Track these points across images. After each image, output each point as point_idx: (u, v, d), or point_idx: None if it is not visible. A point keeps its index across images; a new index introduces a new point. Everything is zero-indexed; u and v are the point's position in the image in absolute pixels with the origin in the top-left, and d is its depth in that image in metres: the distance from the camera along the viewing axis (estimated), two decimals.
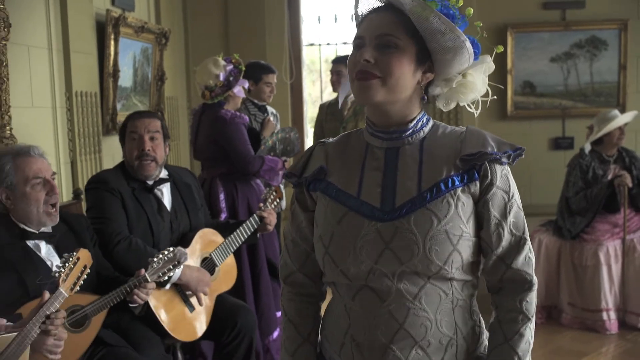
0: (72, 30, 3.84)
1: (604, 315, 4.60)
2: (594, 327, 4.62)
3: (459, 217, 1.46)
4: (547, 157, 5.92)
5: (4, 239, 2.43)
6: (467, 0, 5.65)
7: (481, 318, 1.59)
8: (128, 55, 4.63)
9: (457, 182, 1.48)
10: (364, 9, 1.55)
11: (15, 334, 2.05)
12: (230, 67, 4.15)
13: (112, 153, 4.40)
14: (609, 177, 4.75)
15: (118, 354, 2.61)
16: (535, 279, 1.53)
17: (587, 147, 4.89)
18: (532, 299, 1.53)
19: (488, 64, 1.54)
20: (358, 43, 1.50)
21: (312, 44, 6.39)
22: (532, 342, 1.53)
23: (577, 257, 4.76)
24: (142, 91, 4.95)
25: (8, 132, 3.12)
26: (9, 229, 2.48)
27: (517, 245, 1.51)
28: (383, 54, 1.46)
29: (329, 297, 1.67)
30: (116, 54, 4.36)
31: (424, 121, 1.56)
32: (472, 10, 1.56)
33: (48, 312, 2.13)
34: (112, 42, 4.32)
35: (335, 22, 6.16)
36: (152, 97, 5.10)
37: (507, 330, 1.51)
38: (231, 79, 4.12)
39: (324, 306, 1.70)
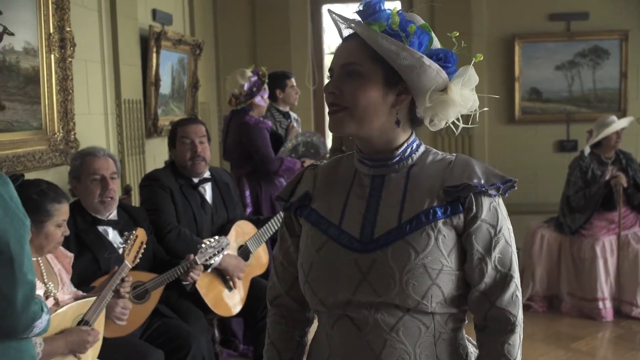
0: (121, 45, 4.33)
1: (600, 304, 5.00)
2: (591, 314, 5.02)
3: (439, 250, 1.40)
4: (552, 158, 6.32)
5: (80, 225, 2.93)
6: (477, 11, 6.13)
7: (471, 351, 1.52)
8: (167, 65, 5.12)
9: (439, 214, 1.41)
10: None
11: (94, 298, 2.54)
12: (254, 78, 4.65)
13: (153, 154, 4.90)
14: (607, 177, 5.14)
15: (171, 324, 3.11)
16: (519, 320, 1.46)
17: (587, 150, 5.27)
18: (516, 341, 1.45)
19: (466, 76, 1.43)
20: (330, 75, 1.47)
21: (333, 53, 6.83)
22: None
23: (576, 250, 5.16)
24: (178, 97, 5.43)
25: (73, 136, 3.62)
26: (83, 217, 2.97)
27: (503, 282, 1.43)
28: (347, 84, 1.42)
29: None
30: (157, 64, 4.85)
31: (414, 147, 1.48)
32: (420, 19, 1.46)
33: (118, 280, 2.62)
34: (154, 54, 4.81)
35: None
36: (187, 103, 5.59)
37: None
38: (254, 89, 4.62)
39: (313, 331, 1.65)
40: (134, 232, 2.80)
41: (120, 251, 2.76)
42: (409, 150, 1.48)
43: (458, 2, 6.08)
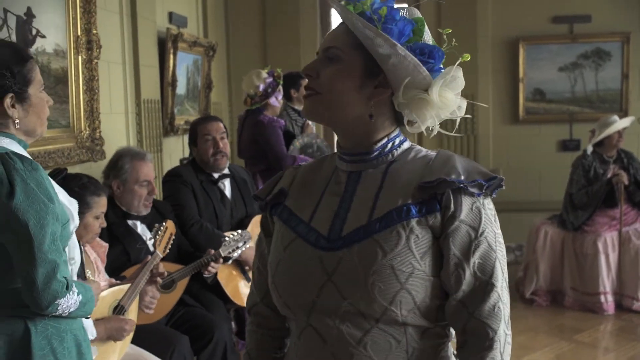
0: (141, 47, 4.49)
1: (602, 298, 5.16)
2: (593, 308, 5.18)
3: (410, 251, 1.27)
4: (555, 157, 6.48)
5: (111, 218, 3.09)
6: (482, 14, 6.31)
7: None
8: (183, 66, 5.29)
9: (413, 212, 1.29)
10: None
11: (128, 285, 2.71)
12: (270, 79, 4.82)
13: (169, 152, 5.07)
14: (608, 175, 5.30)
15: (195, 312, 3.28)
16: (500, 336, 1.29)
17: (589, 149, 5.43)
18: (495, 359, 1.29)
19: (449, 77, 1.31)
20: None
21: None
22: None
23: (578, 246, 5.32)
24: (193, 97, 5.60)
25: (98, 134, 3.79)
26: (114, 211, 3.14)
27: (483, 291, 1.29)
28: (326, 68, 1.34)
29: None
30: (174, 66, 5.02)
31: (396, 143, 1.37)
32: (416, 13, 1.36)
33: (150, 268, 2.79)
34: (171, 56, 4.98)
35: None
36: (201, 102, 5.75)
37: None
38: (269, 90, 4.79)
39: None
40: (164, 224, 2.97)
41: (151, 242, 2.93)
42: (389, 145, 1.37)
43: (464, 5, 6.26)
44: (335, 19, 6.72)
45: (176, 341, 2.96)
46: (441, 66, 1.34)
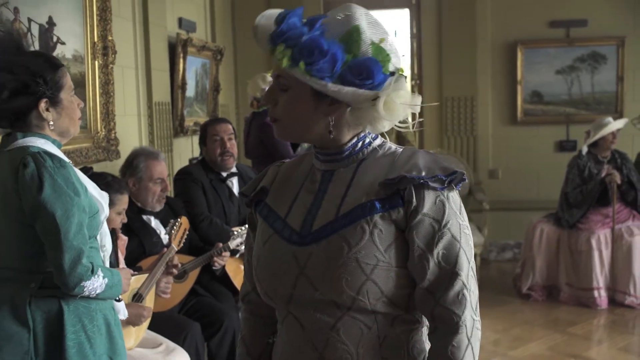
0: (153, 51, 4.70)
1: (595, 293, 5.35)
2: (587, 303, 5.36)
3: (374, 245, 1.35)
4: (552, 158, 6.67)
5: (128, 213, 3.29)
6: (482, 18, 6.52)
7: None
8: (192, 70, 5.51)
9: (377, 208, 1.37)
10: None
11: (146, 275, 2.92)
12: None
13: (179, 152, 5.28)
14: (602, 175, 5.49)
15: (205, 301, 3.49)
16: (464, 321, 1.36)
17: (584, 149, 5.61)
18: (461, 343, 1.36)
19: (391, 90, 1.35)
20: None
21: None
22: None
23: (573, 243, 5.51)
24: (201, 100, 5.82)
25: (113, 135, 4.01)
26: (130, 206, 3.34)
27: (447, 280, 1.36)
28: (280, 96, 1.41)
29: None
30: (184, 69, 5.23)
31: (366, 141, 1.45)
32: (354, 20, 1.36)
33: (167, 260, 3.00)
34: (181, 60, 5.19)
35: None
36: (209, 105, 5.97)
37: None
38: None
39: None
40: (179, 220, 3.18)
41: (165, 236, 3.14)
42: (360, 144, 1.44)
43: (464, 9, 6.47)
44: None
45: (188, 328, 3.17)
46: (390, 71, 1.38)
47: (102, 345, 2.18)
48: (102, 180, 2.72)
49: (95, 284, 2.12)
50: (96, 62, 3.85)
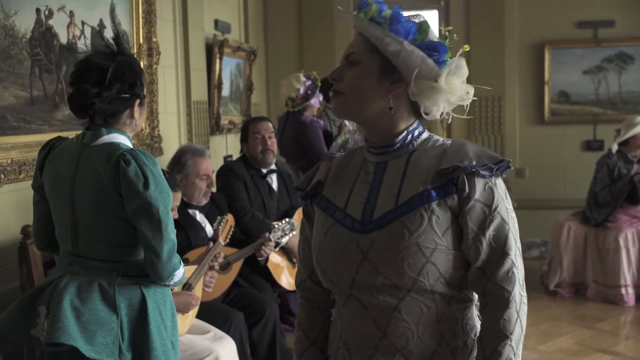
0: (191, 52, 4.86)
1: (623, 290, 5.42)
2: (614, 300, 5.44)
3: (432, 230, 1.46)
4: (579, 157, 6.75)
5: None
6: (510, 20, 6.62)
7: (479, 330, 1.56)
8: (227, 70, 5.66)
9: (433, 196, 1.48)
10: None
11: (195, 266, 3.07)
12: (309, 82, 5.17)
13: (215, 150, 5.44)
14: (632, 174, 5.55)
15: (247, 292, 3.64)
16: (514, 296, 1.49)
17: (614, 148, 5.67)
18: (512, 316, 1.49)
19: (454, 67, 1.51)
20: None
21: None
22: (515, 358, 1.50)
23: (600, 241, 5.59)
24: (235, 99, 5.97)
25: (157, 132, 4.17)
26: None
27: (498, 258, 1.48)
28: (347, 71, 1.53)
29: None
30: (220, 69, 5.39)
31: (415, 134, 1.57)
32: (422, 19, 1.54)
33: (215, 253, 3.15)
34: (218, 60, 5.35)
35: None
36: (242, 104, 6.12)
37: (486, 347, 1.50)
38: (309, 92, 5.14)
39: None
40: (225, 217, 3.33)
41: (211, 229, 3.29)
42: (409, 137, 1.56)
43: (492, 11, 6.56)
44: None
45: (233, 317, 3.32)
46: (447, 59, 1.53)
47: (170, 328, 2.32)
48: None
49: (180, 273, 2.28)
50: (142, 63, 4.01)
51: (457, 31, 7.16)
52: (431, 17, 7.02)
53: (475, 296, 1.58)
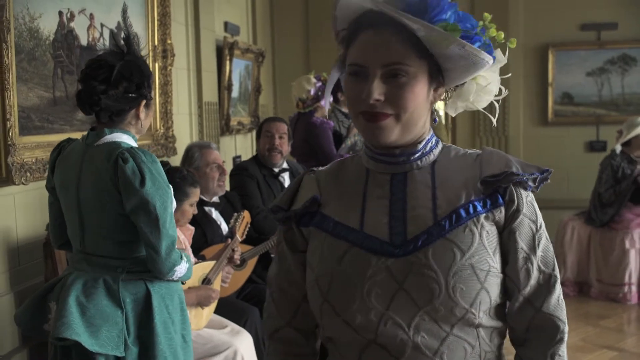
0: (203, 54, 4.95)
1: (626, 289, 5.51)
2: (617, 298, 5.53)
3: (484, 248, 1.22)
4: (582, 157, 6.85)
5: None
6: (514, 22, 6.71)
7: None
8: (236, 71, 5.75)
9: (479, 208, 1.24)
10: (352, 15, 1.28)
11: (213, 262, 3.15)
12: (319, 84, 5.25)
13: (224, 150, 5.52)
14: (635, 174, 5.63)
15: (261, 288, 3.72)
16: (567, 328, 1.29)
17: (618, 148, 5.74)
18: (565, 352, 1.29)
19: (501, 62, 1.38)
20: (357, 71, 1.24)
21: None
22: None
23: (604, 241, 5.67)
24: (244, 100, 6.06)
25: (171, 132, 4.25)
26: None
27: (547, 284, 1.27)
28: (393, 86, 1.21)
29: None
30: (230, 71, 5.48)
31: (433, 143, 1.32)
32: (495, 31, 1.37)
33: (232, 249, 3.24)
34: (228, 62, 5.44)
35: None
36: (250, 105, 6.21)
37: None
38: (320, 93, 5.22)
39: None
40: (241, 213, 3.41)
41: (227, 227, 3.38)
42: (429, 145, 1.31)
43: (496, 13, 6.51)
44: None
45: (249, 312, 3.40)
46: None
47: (179, 322, 2.40)
48: (178, 174, 2.95)
49: (183, 268, 2.34)
50: (156, 64, 4.09)
51: None
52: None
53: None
